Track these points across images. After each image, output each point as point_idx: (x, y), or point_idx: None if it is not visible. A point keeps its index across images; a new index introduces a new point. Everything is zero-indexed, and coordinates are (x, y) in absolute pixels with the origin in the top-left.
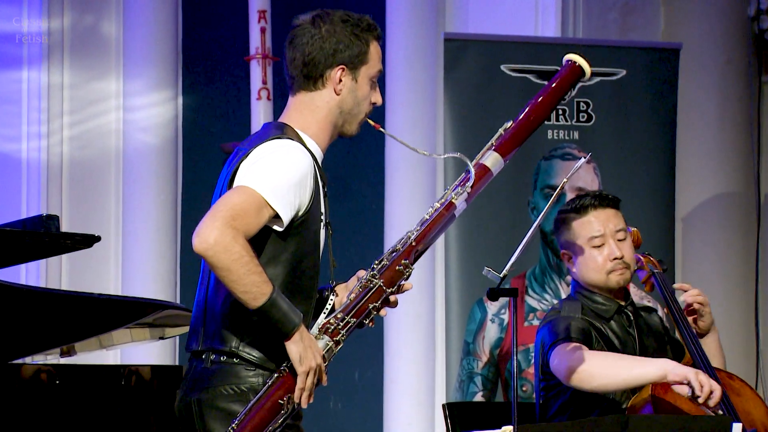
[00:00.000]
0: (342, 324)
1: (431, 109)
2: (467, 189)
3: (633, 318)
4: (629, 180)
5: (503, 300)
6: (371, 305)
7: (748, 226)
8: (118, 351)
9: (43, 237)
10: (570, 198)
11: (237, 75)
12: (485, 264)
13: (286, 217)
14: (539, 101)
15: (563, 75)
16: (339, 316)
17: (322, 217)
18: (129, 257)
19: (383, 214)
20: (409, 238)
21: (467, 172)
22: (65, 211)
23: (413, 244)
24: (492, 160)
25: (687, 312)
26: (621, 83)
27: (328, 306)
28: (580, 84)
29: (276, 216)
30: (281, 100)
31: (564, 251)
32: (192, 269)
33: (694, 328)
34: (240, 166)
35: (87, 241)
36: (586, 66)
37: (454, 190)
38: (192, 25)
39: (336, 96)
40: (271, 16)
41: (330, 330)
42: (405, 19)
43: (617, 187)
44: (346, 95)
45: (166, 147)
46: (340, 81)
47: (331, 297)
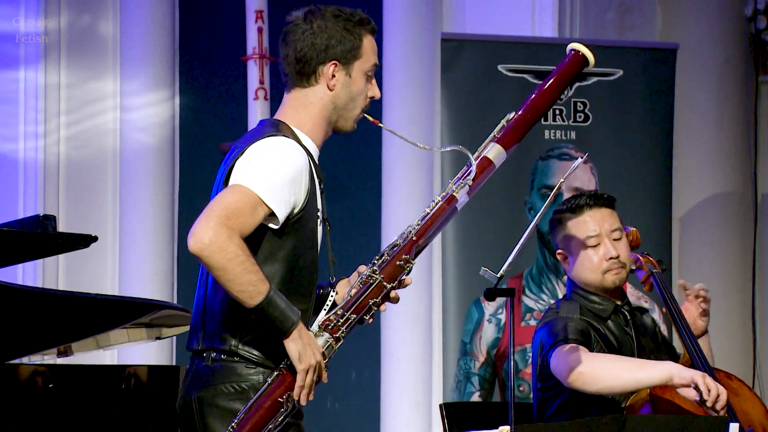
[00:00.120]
0: (342, 320)
1: (428, 110)
2: (468, 182)
3: (630, 317)
4: (626, 180)
5: (500, 300)
6: (372, 301)
7: (745, 225)
8: (115, 351)
9: (40, 237)
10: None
11: (234, 75)
12: (482, 264)
13: (281, 215)
14: (542, 91)
15: (567, 64)
16: (339, 312)
17: (319, 214)
18: (126, 257)
19: (380, 212)
20: (410, 232)
21: (468, 165)
22: (62, 211)
23: (414, 238)
24: (495, 152)
25: (701, 310)
26: (618, 83)
27: (328, 302)
28: (576, 84)
29: (271, 214)
30: (278, 100)
31: (560, 251)
32: (189, 269)
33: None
34: (235, 164)
35: (84, 241)
36: (589, 55)
37: (455, 183)
38: (189, 25)
39: (329, 92)
40: (269, 16)
41: (330, 327)
42: (402, 19)
43: (614, 187)
44: (339, 91)
45: (163, 147)
46: (333, 77)
47: (332, 293)
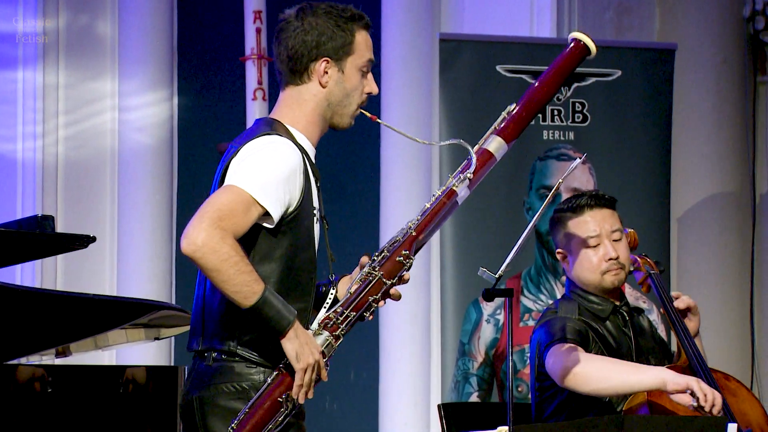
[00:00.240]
0: (341, 318)
1: (427, 110)
2: (469, 175)
3: (628, 318)
4: (625, 180)
5: (498, 300)
6: (371, 298)
7: (743, 226)
8: (113, 351)
9: (39, 237)
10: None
11: (232, 75)
12: (481, 264)
13: (276, 214)
14: (543, 81)
15: (568, 54)
16: (338, 310)
17: (315, 212)
18: (124, 257)
19: (379, 210)
20: (409, 228)
21: (468, 158)
22: (60, 212)
23: (413, 234)
24: (495, 144)
25: (680, 312)
26: (616, 84)
27: (328, 300)
28: (575, 84)
29: (266, 213)
30: (276, 100)
31: (559, 250)
32: (188, 269)
33: None
34: (230, 163)
35: (82, 242)
36: (591, 44)
37: (455, 177)
38: (187, 26)
39: (322, 89)
40: (267, 16)
41: (329, 325)
42: (400, 20)
43: (613, 188)
44: (333, 87)
45: (161, 147)
46: (325, 73)
47: (331, 291)
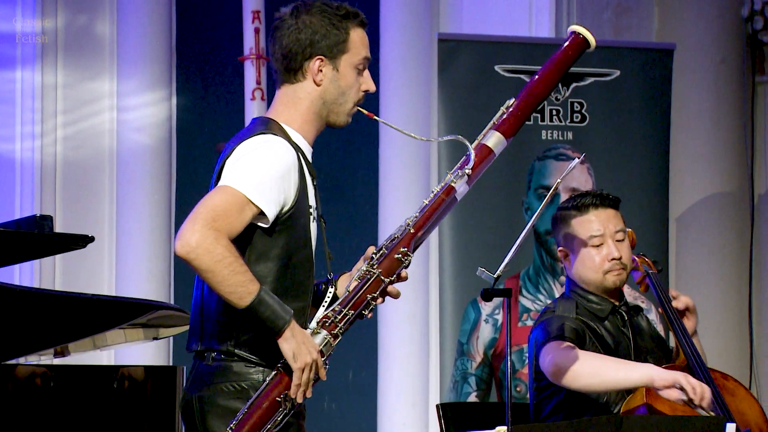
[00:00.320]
0: (340, 317)
1: (425, 110)
2: (467, 171)
3: (627, 318)
4: (623, 180)
5: (497, 300)
6: (370, 296)
7: (742, 226)
8: (111, 351)
9: (37, 237)
10: (564, 198)
11: (231, 75)
12: (479, 264)
13: (270, 213)
14: (542, 75)
15: (567, 47)
16: (337, 309)
17: (311, 210)
18: (123, 257)
19: (378, 208)
20: (408, 225)
21: (467, 154)
22: (59, 212)
23: (412, 231)
24: (494, 140)
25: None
26: (615, 84)
27: (327, 298)
28: (573, 84)
29: (261, 213)
30: None
31: (561, 248)
32: (186, 269)
33: None
34: (225, 163)
35: (81, 242)
36: (590, 37)
37: (453, 173)
38: (186, 26)
39: (317, 87)
40: (265, 16)
41: (327, 324)
42: (399, 20)
43: (611, 188)
44: (328, 85)
45: (160, 147)
46: (319, 71)
47: (330, 289)
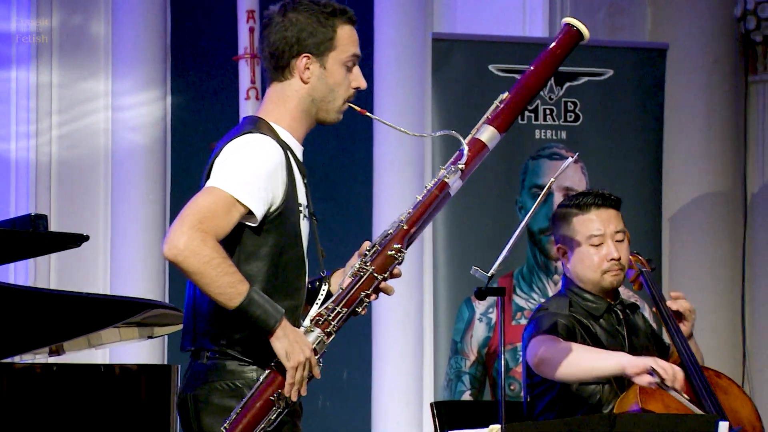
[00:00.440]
0: (333, 315)
1: (419, 109)
2: (460, 166)
3: (623, 317)
4: (616, 180)
5: (491, 299)
6: (363, 293)
7: (735, 225)
8: (106, 350)
9: (32, 236)
10: (557, 198)
11: (226, 75)
12: (473, 263)
13: (258, 212)
14: (536, 68)
15: (560, 39)
16: (330, 306)
17: (302, 209)
18: (117, 256)
19: (372, 206)
20: (401, 221)
21: (460, 149)
22: (54, 211)
23: (405, 227)
24: (488, 134)
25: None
26: (608, 83)
27: (320, 296)
28: (567, 84)
29: (249, 212)
30: None
31: (560, 246)
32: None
33: None
34: (213, 163)
35: (75, 241)
36: (584, 29)
37: (446, 168)
38: (180, 25)
39: (304, 84)
40: (260, 16)
41: (320, 322)
42: (393, 20)
43: (605, 187)
44: (315, 83)
45: (154, 146)
46: (306, 69)
47: (323, 286)
